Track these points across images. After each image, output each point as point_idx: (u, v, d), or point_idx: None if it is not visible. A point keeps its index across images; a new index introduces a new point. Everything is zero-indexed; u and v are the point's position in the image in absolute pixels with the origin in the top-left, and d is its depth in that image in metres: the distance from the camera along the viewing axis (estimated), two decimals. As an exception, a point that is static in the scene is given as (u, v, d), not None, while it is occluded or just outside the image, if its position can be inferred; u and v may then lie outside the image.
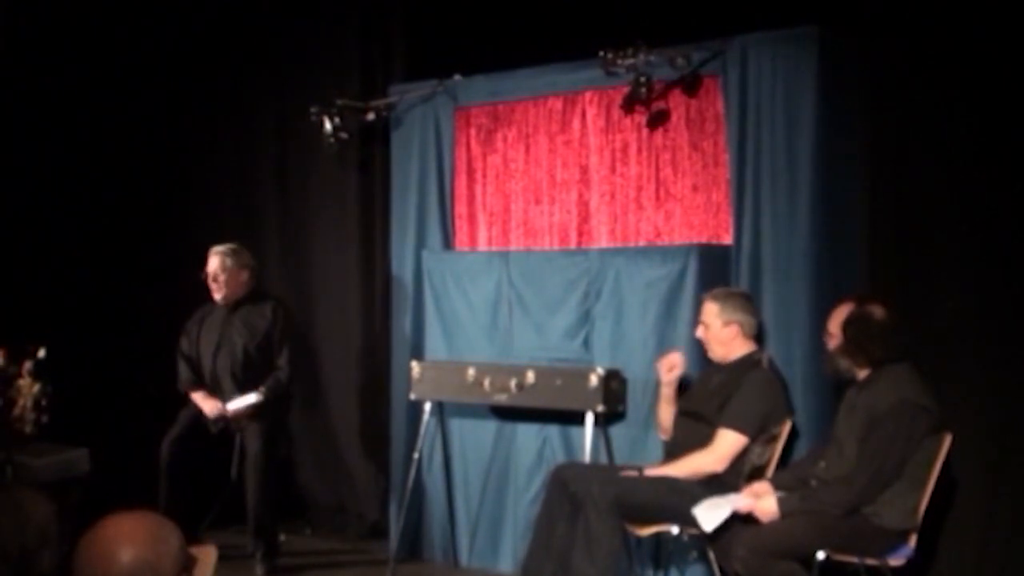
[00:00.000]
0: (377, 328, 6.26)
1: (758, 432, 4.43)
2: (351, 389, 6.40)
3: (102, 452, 5.26)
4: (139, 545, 2.01)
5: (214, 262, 5.70)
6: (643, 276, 4.94)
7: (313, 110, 5.93)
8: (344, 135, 5.95)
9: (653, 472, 4.51)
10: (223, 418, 5.60)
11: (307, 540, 6.20)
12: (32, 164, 6.27)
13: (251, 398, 5.54)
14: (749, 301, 4.62)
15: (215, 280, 5.69)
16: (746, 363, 4.54)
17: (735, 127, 4.89)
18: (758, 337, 4.66)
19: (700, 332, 4.62)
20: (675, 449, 4.58)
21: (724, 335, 4.57)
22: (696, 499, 4.23)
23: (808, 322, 4.67)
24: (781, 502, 4.06)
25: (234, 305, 5.73)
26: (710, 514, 4.16)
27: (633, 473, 4.57)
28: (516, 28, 5.67)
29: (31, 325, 5.27)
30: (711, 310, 4.57)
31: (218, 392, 5.66)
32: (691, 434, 4.54)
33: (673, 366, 4.69)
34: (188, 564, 2.08)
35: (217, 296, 5.72)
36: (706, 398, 4.55)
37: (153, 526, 2.06)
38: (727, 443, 4.41)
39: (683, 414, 4.63)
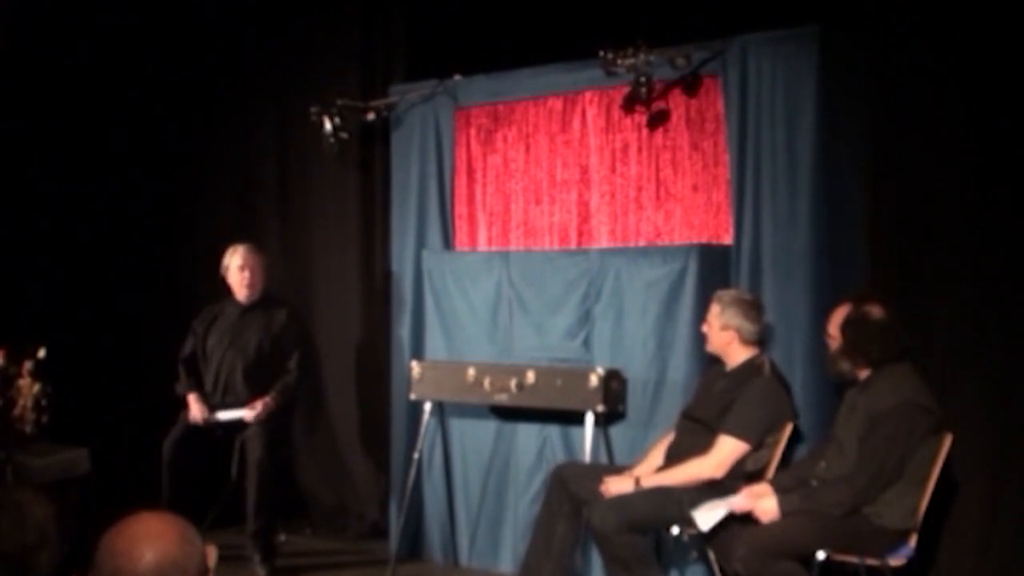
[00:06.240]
0: (377, 328, 6.26)
1: (760, 440, 4.41)
2: (351, 389, 6.39)
3: (102, 452, 5.27)
4: (168, 543, 2.01)
5: (242, 254, 5.68)
6: (643, 276, 4.94)
7: (313, 110, 5.93)
8: (344, 135, 5.94)
9: (651, 480, 4.49)
10: (210, 423, 5.59)
11: (307, 540, 6.20)
12: (32, 164, 6.28)
13: (243, 413, 5.55)
14: (753, 308, 4.55)
15: (245, 271, 5.66)
16: (748, 369, 4.52)
17: (735, 127, 4.89)
18: (762, 342, 4.61)
19: (704, 328, 4.62)
20: (676, 452, 4.57)
21: (721, 339, 4.56)
22: (694, 503, 4.23)
23: (808, 322, 4.66)
24: (781, 502, 4.06)
25: (249, 306, 5.73)
26: (707, 515, 4.17)
27: (622, 480, 4.52)
28: (516, 28, 5.68)
29: (31, 325, 5.28)
30: (714, 310, 4.56)
31: (227, 391, 5.66)
32: (692, 438, 4.52)
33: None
34: (206, 570, 2.07)
35: (245, 290, 5.70)
36: (709, 403, 4.54)
37: (180, 526, 2.06)
38: (727, 450, 4.39)
39: (686, 418, 4.63)
